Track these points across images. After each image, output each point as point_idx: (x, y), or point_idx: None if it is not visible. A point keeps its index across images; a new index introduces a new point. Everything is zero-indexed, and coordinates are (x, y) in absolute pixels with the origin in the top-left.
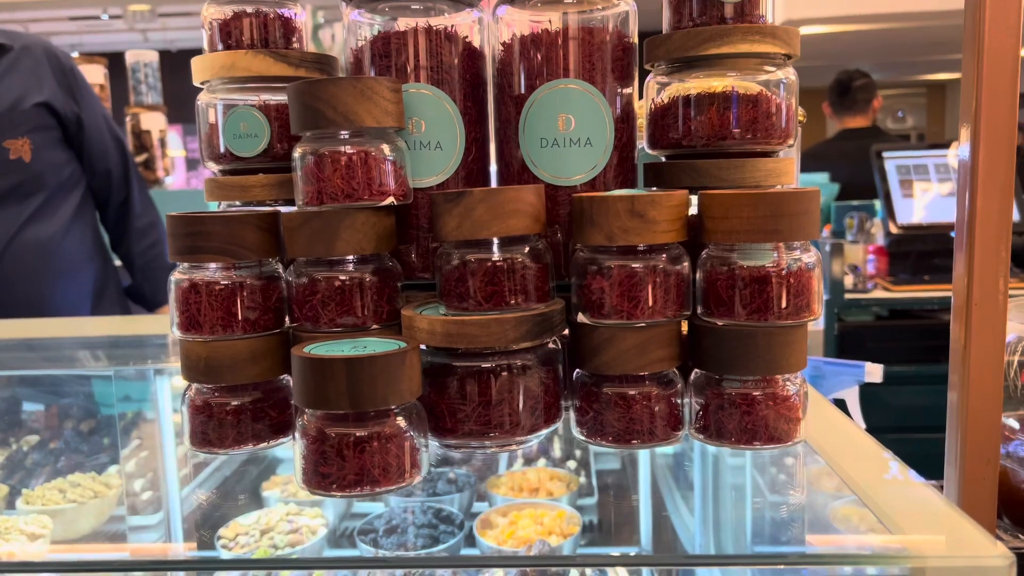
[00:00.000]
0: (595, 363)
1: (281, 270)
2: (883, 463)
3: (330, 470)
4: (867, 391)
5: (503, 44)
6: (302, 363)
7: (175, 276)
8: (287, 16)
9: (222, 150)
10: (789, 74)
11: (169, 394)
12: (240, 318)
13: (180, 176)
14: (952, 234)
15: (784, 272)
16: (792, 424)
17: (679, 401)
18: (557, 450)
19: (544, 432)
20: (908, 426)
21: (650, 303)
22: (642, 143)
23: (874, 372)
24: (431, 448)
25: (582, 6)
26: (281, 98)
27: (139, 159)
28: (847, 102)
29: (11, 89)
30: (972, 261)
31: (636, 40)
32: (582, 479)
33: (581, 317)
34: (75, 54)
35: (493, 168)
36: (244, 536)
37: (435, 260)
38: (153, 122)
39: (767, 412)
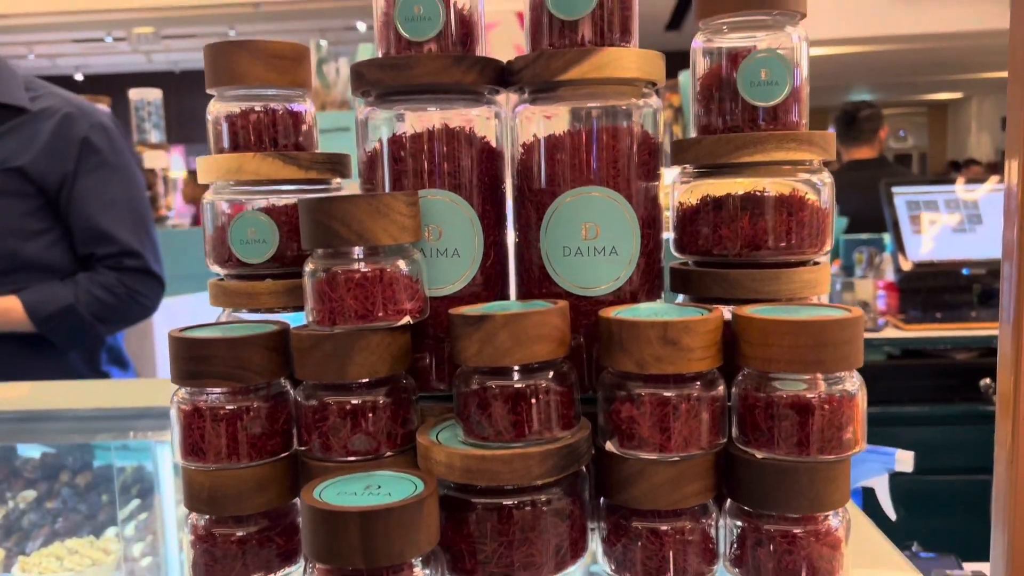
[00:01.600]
0: (624, 496)
1: (290, 387)
2: None
3: None
4: (883, 432)
5: (523, 145)
6: (312, 513)
7: (178, 397)
8: (296, 111)
9: (229, 255)
10: (824, 177)
11: (169, 452)
12: (246, 444)
13: (179, 203)
14: (965, 271)
15: (827, 403)
16: (835, 559)
17: (713, 533)
18: None
19: (570, 569)
20: (922, 467)
21: (684, 435)
22: (667, 232)
23: (905, 460)
24: None
25: (607, 103)
26: (291, 199)
27: None
28: (853, 133)
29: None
30: (1022, 304)
31: (662, 137)
32: None
33: (609, 446)
34: (79, 76)
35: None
36: None
37: (454, 380)
38: (157, 160)
39: (809, 550)
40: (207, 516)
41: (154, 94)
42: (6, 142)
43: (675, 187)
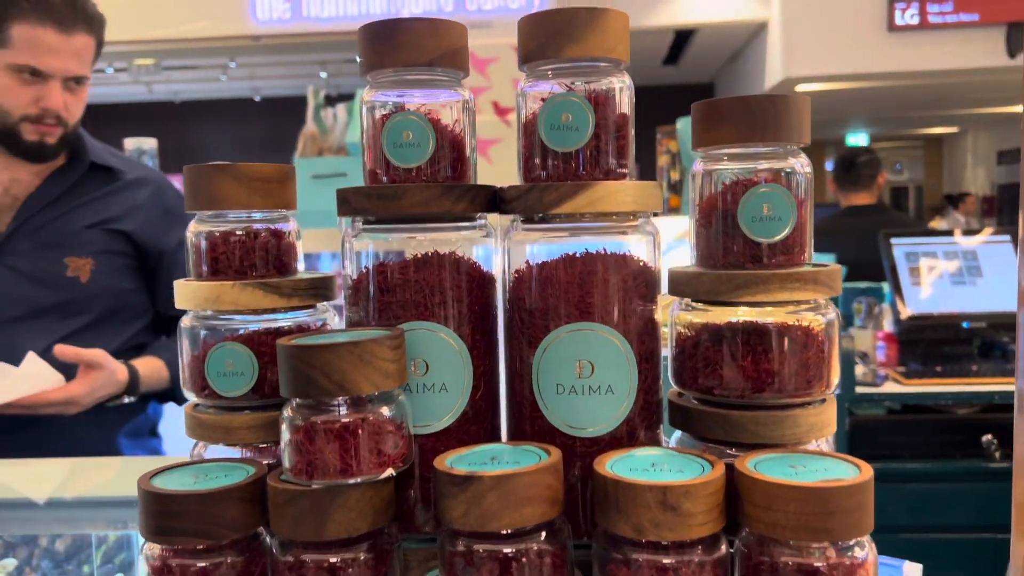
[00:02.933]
0: None
1: (267, 535)
2: None
3: None
4: (884, 489)
5: (516, 272)
6: None
7: (147, 550)
8: (280, 231)
9: (205, 385)
10: (830, 313)
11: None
12: None
13: None
14: (966, 324)
15: (836, 570)
16: None
17: None
18: None
19: None
20: (921, 525)
21: None
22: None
23: (913, 573)
24: None
25: (602, 236)
26: (271, 326)
27: None
28: (852, 178)
29: (97, 212)
30: None
31: (660, 264)
32: None
33: None
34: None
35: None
36: None
37: (438, 536)
38: None
39: None
40: None
41: (150, 142)
42: (108, 205)
43: (673, 314)
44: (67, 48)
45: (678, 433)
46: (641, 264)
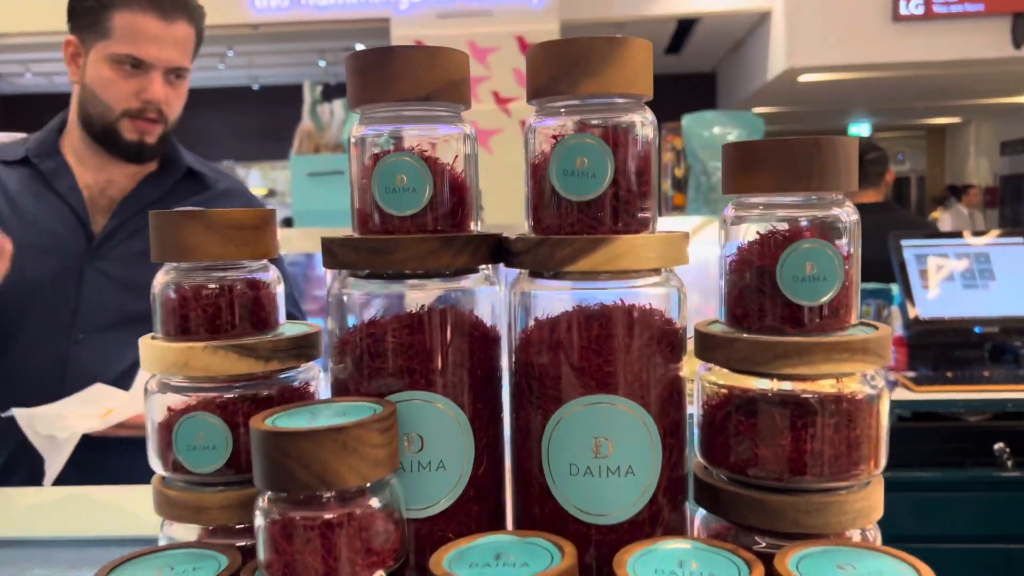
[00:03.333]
0: None
1: None
2: None
3: None
4: (894, 499)
5: (523, 332)
6: None
7: None
8: (259, 282)
9: (173, 462)
10: (878, 382)
11: None
12: None
13: None
14: (977, 329)
15: None
16: None
17: None
18: None
19: None
20: (931, 535)
21: None
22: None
23: None
24: None
25: (622, 292)
26: (247, 393)
27: None
28: (859, 176)
29: None
30: None
31: (686, 320)
32: None
33: None
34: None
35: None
36: None
37: None
38: None
39: None
40: None
41: None
42: None
43: (702, 378)
44: (168, 37)
45: (703, 512)
46: (666, 322)
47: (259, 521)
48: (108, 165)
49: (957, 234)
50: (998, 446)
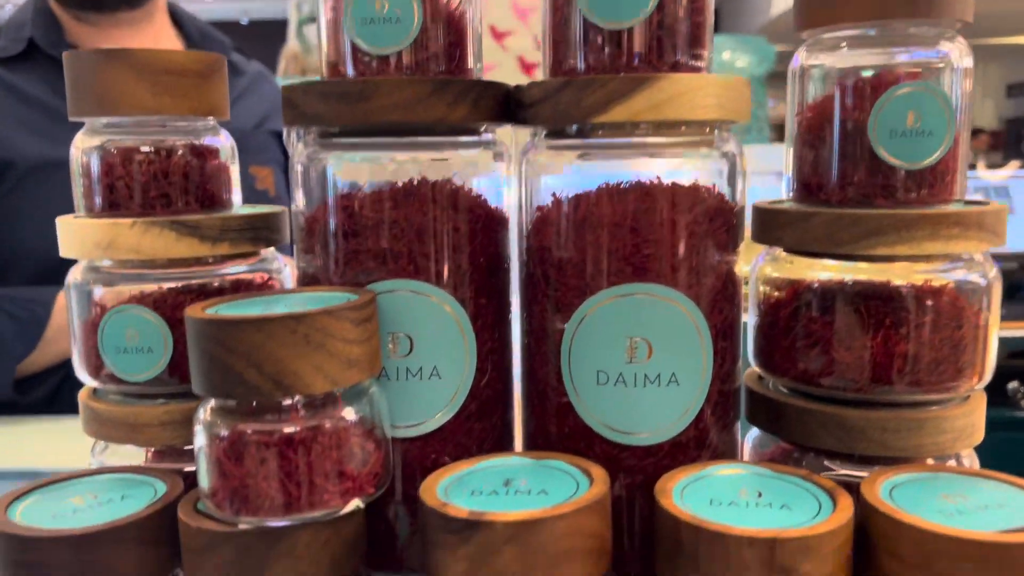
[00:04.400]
0: None
1: None
2: None
3: None
4: None
5: (538, 210)
6: None
7: None
8: (205, 148)
9: (102, 365)
10: (990, 271)
11: None
12: None
13: None
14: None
15: None
16: None
17: None
18: None
19: None
20: None
21: None
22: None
23: None
24: None
25: (666, 154)
26: (191, 283)
27: None
28: None
29: (251, 110)
30: None
31: (743, 199)
32: None
33: None
34: None
35: (516, 378)
36: None
37: None
38: None
39: None
40: None
41: None
42: (253, 102)
43: (759, 271)
44: None
45: (755, 432)
46: (719, 198)
47: (200, 439)
48: (109, 29)
49: (971, 166)
50: (1012, 385)
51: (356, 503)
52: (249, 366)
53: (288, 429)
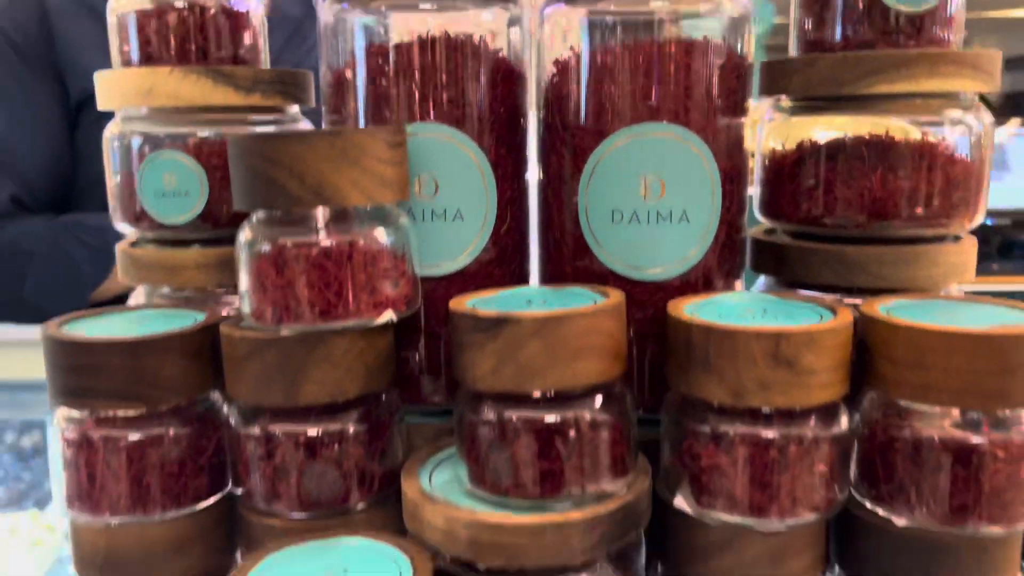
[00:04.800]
0: (700, 570)
1: (223, 401)
2: None
3: None
4: None
5: (556, 63)
6: None
7: (58, 420)
8: (238, 11)
9: (140, 213)
10: (984, 116)
11: None
12: (157, 489)
13: None
14: (989, 221)
15: (1004, 450)
16: None
17: None
18: None
19: None
20: None
21: (794, 493)
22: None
23: None
24: None
25: (677, 4)
26: (226, 130)
27: None
28: None
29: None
30: None
31: (751, 54)
32: None
33: (681, 502)
34: None
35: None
36: None
37: (457, 403)
38: None
39: None
40: None
41: None
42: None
43: (766, 125)
44: None
45: (762, 282)
46: (730, 48)
47: (243, 255)
48: None
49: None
50: None
51: (389, 315)
52: (291, 177)
53: (326, 242)
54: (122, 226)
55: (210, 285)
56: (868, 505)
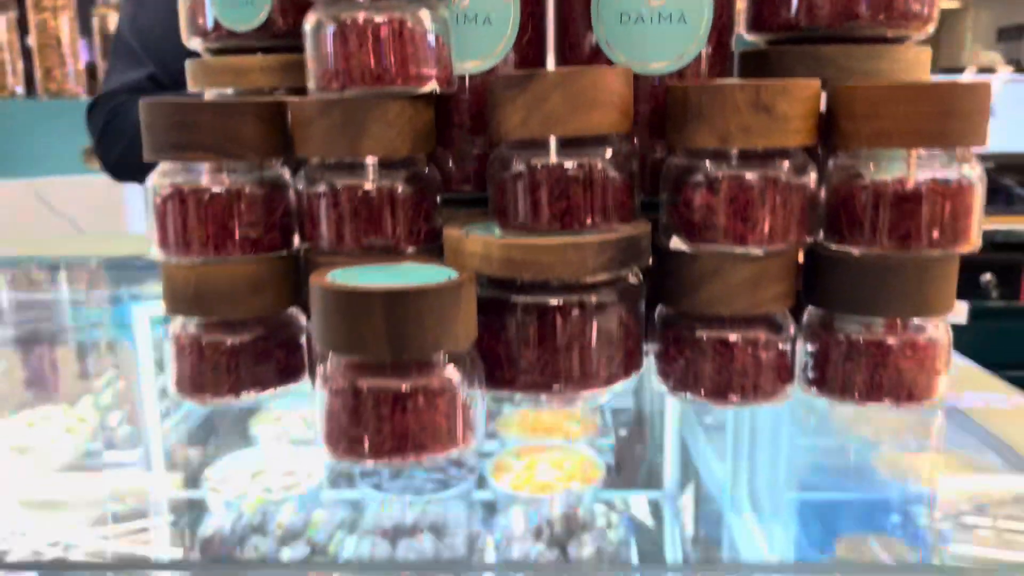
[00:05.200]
0: (692, 301)
1: (287, 175)
2: None
3: (363, 433)
4: None
5: None
6: (325, 297)
7: (154, 181)
8: None
9: (208, 22)
10: None
11: (148, 321)
12: (237, 236)
13: None
14: None
15: (944, 187)
16: (933, 376)
17: (789, 348)
18: None
19: (623, 384)
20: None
21: (770, 225)
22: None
23: (959, 311)
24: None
25: None
26: None
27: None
28: None
29: None
30: None
31: None
32: (597, 419)
33: (676, 243)
34: None
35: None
36: (234, 478)
37: (489, 166)
38: None
39: (905, 363)
40: (193, 321)
41: None
42: None
43: None
44: None
45: None
46: None
47: (310, 36)
48: None
49: (958, 70)
50: (986, 278)
51: (433, 84)
52: None
53: (379, 19)
54: (192, 42)
55: (271, 86)
56: (833, 247)
